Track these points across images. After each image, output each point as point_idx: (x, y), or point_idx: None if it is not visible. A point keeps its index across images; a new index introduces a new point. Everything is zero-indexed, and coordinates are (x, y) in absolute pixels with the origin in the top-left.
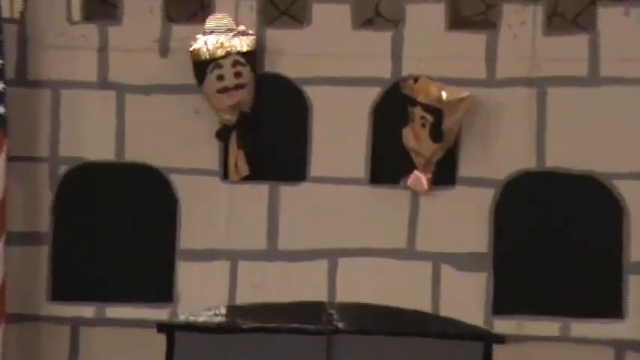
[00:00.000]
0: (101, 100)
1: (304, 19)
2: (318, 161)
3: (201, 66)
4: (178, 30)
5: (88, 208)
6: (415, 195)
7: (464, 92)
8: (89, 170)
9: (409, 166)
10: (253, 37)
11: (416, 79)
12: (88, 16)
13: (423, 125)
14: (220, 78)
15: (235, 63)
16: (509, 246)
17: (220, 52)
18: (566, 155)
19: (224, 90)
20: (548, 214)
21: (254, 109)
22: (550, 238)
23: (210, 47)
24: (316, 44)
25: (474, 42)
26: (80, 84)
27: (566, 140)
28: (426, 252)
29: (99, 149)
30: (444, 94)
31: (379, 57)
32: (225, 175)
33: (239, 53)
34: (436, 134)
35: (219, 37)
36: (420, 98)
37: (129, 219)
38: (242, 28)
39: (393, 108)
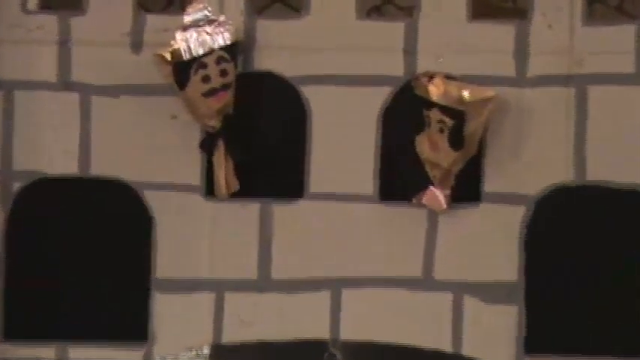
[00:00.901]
0: (62, 104)
1: (301, 7)
2: (318, 175)
3: (183, 68)
4: (153, 21)
5: (46, 231)
6: (432, 214)
7: (489, 91)
8: (48, 186)
9: (425, 181)
10: (234, 27)
11: (431, 77)
12: (47, 4)
13: (441, 130)
14: (206, 79)
15: (219, 59)
16: (543, 273)
17: (203, 49)
18: (609, 167)
19: (211, 92)
20: (589, 235)
21: (242, 113)
22: (592, 263)
23: (192, 45)
24: (315, 36)
25: (501, 33)
26: (37, 84)
27: (609, 149)
28: (446, 281)
29: (60, 161)
30: (465, 94)
31: (389, 51)
32: (208, 191)
33: (222, 48)
34: (456, 140)
35: (200, 31)
36: (437, 99)
37: (96, 244)
38: (222, 18)
39: (406, 111)
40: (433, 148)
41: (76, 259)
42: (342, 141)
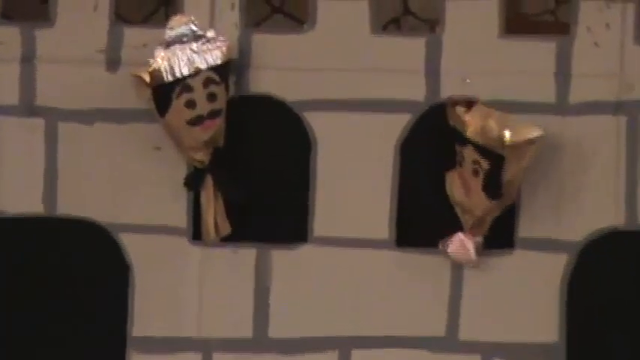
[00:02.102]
0: (25, 132)
1: (306, 19)
2: (325, 216)
3: (163, 91)
4: (132, 35)
5: (6, 279)
6: (458, 263)
7: (535, 130)
8: (9, 227)
9: (452, 224)
10: (225, 44)
11: (469, 105)
12: (8, 14)
13: (476, 173)
14: (191, 104)
15: (207, 81)
16: (588, 333)
17: (188, 69)
18: None
19: (197, 120)
20: None
21: (234, 144)
22: None
23: (174, 64)
24: (322, 54)
25: (538, 51)
26: None
27: None
28: (473, 342)
29: (22, 198)
30: (507, 134)
31: (408, 72)
32: (195, 235)
33: (211, 68)
34: (493, 188)
35: (184, 48)
36: (474, 136)
37: (62, 296)
38: (211, 34)
39: (428, 142)
40: (466, 192)
41: (39, 312)
42: (353, 176)
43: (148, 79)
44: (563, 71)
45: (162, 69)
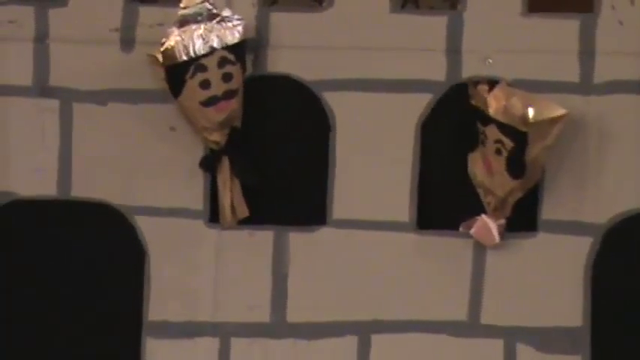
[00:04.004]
0: (39, 112)
1: None
2: (344, 198)
3: (177, 71)
4: (147, 13)
5: (19, 262)
6: (480, 246)
7: (559, 109)
8: (22, 210)
9: (474, 207)
10: (242, 23)
11: (492, 85)
12: None
13: (498, 152)
14: (205, 85)
15: (223, 61)
16: (612, 317)
17: (202, 49)
18: None
19: (211, 101)
20: None
21: (251, 125)
22: None
23: (188, 43)
24: (340, 33)
25: (562, 30)
26: (10, 89)
27: None
28: (496, 326)
29: (36, 181)
30: (530, 112)
31: (429, 51)
32: (212, 218)
33: (226, 48)
34: (516, 167)
35: (199, 27)
36: (496, 114)
37: (77, 279)
38: (226, 12)
39: (449, 123)
40: (488, 172)
41: (52, 296)
42: (373, 158)
43: (160, 58)
44: (587, 50)
45: (176, 48)
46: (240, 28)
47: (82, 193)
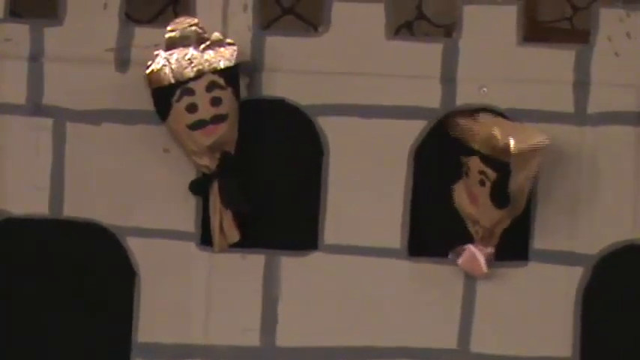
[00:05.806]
0: (32, 131)
1: (319, 22)
2: (336, 223)
3: (164, 94)
4: (142, 34)
5: (10, 282)
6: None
7: (538, 135)
8: (14, 229)
9: (467, 234)
10: (234, 47)
11: (471, 115)
12: (17, 11)
13: (482, 183)
14: (192, 108)
15: (211, 85)
16: (603, 349)
17: (190, 72)
18: None
19: (199, 124)
20: None
21: (242, 149)
22: None
23: (175, 66)
24: (336, 58)
25: (557, 60)
26: (3, 107)
27: None
28: (486, 354)
29: (27, 199)
30: (511, 142)
31: (424, 78)
32: (204, 240)
33: (216, 71)
34: (500, 197)
35: (187, 50)
36: (478, 146)
37: (66, 300)
38: (217, 35)
39: (442, 150)
40: (473, 203)
41: (42, 316)
42: (365, 183)
43: (146, 81)
44: (582, 81)
45: (162, 71)
46: (231, 52)
47: (75, 212)
